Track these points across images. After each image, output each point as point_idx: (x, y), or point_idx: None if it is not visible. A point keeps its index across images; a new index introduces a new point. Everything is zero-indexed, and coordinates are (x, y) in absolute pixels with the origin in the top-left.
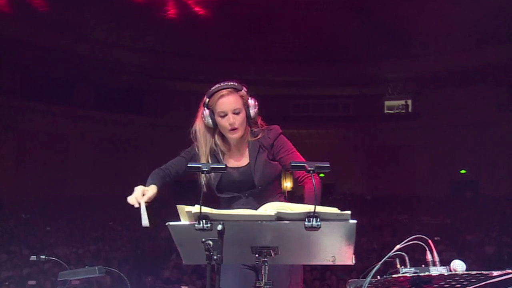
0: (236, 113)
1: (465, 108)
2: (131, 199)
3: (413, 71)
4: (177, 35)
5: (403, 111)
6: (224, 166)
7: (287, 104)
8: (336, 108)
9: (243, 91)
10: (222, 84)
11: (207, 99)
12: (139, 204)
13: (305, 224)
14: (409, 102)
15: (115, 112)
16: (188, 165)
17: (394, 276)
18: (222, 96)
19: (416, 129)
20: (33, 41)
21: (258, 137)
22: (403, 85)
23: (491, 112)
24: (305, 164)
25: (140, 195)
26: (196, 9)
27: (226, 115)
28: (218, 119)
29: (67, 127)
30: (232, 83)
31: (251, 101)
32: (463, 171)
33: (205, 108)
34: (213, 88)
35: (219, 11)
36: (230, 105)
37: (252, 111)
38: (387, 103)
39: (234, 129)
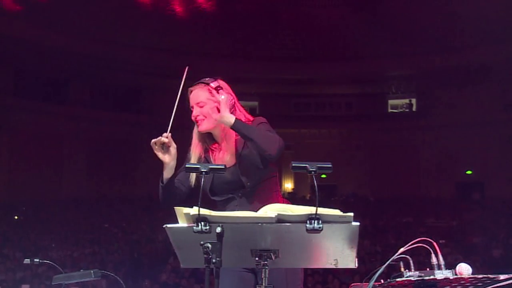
0: (200, 106)
1: (471, 107)
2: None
3: (417, 69)
4: (175, 32)
5: (407, 110)
6: (223, 167)
7: (288, 103)
8: (338, 107)
9: (212, 84)
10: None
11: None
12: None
13: (306, 227)
14: (414, 101)
15: (111, 111)
16: (186, 165)
17: (398, 280)
18: (190, 92)
19: (421, 129)
20: (26, 38)
21: None
22: (407, 83)
23: (498, 112)
24: (307, 165)
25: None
26: (193, 6)
27: (193, 109)
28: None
29: (62, 127)
30: (203, 78)
31: (222, 96)
32: (469, 172)
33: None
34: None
35: (219, 8)
36: (194, 99)
37: (223, 104)
38: (390, 102)
39: (198, 121)
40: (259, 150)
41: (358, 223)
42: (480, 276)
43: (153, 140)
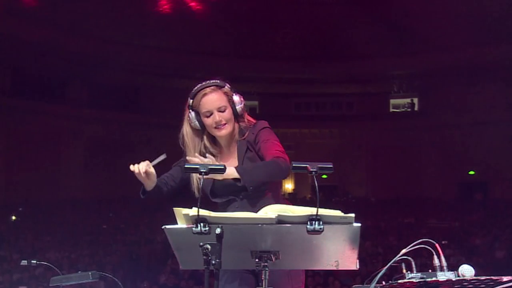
0: (221, 110)
1: (473, 107)
2: (135, 167)
3: (419, 68)
4: (174, 30)
5: (409, 109)
6: (223, 167)
7: (289, 103)
8: (339, 107)
9: (226, 87)
10: (204, 83)
11: (191, 100)
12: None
13: (307, 228)
14: (416, 100)
15: (109, 111)
16: (185, 166)
17: (400, 281)
18: (205, 94)
19: (423, 129)
20: (23, 37)
21: (245, 135)
22: (409, 82)
23: (501, 111)
24: (307, 165)
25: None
26: (192, 4)
27: (211, 114)
28: (204, 119)
29: (60, 127)
30: (214, 80)
31: (236, 97)
32: (471, 172)
33: (190, 110)
34: (195, 88)
35: (219, 6)
36: (214, 103)
37: (238, 107)
38: (392, 101)
39: (221, 126)
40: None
41: (359, 224)
42: (483, 277)
43: (131, 167)
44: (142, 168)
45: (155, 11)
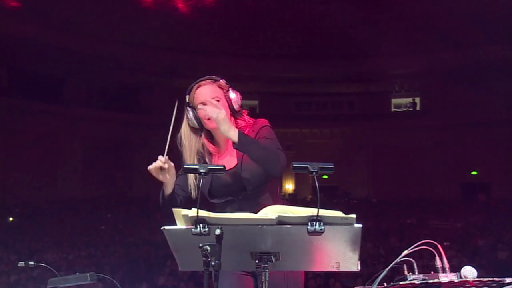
0: (216, 100)
1: (476, 107)
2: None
3: (421, 68)
4: (173, 29)
5: (410, 109)
6: (222, 167)
7: (289, 102)
8: (340, 106)
9: (221, 81)
10: (200, 78)
11: (187, 97)
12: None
13: (307, 229)
14: (417, 99)
15: (107, 111)
16: (184, 166)
17: (401, 283)
18: (199, 86)
19: (425, 128)
20: (21, 36)
21: (244, 133)
22: (410, 82)
23: (504, 111)
24: (308, 165)
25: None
26: (180, 5)
27: (205, 105)
28: (198, 112)
29: (57, 126)
30: (209, 76)
31: (232, 93)
32: (474, 173)
33: (188, 108)
34: (191, 84)
35: (219, 5)
36: (208, 93)
37: (235, 103)
38: (394, 100)
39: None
40: (262, 167)
41: (360, 225)
42: (486, 279)
43: (149, 167)
44: (161, 159)
45: (155, 10)
